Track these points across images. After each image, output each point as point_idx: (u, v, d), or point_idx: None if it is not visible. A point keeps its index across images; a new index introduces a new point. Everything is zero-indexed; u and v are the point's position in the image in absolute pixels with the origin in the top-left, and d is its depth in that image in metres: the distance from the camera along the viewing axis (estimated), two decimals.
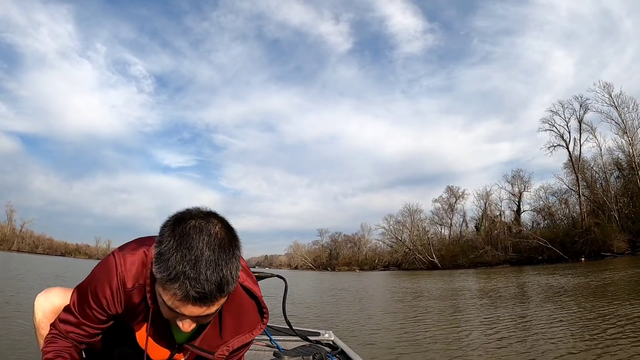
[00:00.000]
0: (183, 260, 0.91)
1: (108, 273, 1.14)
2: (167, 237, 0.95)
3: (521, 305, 9.94)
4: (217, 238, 0.96)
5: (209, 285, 0.92)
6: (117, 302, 1.15)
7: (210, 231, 0.96)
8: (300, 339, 2.63)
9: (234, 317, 1.20)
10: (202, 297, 0.92)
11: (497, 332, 6.23)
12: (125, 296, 1.15)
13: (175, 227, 0.97)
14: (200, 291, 0.91)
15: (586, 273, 19.94)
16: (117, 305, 1.15)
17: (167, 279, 0.92)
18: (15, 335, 5.15)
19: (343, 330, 6.74)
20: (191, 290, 0.91)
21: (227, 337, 1.20)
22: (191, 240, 0.93)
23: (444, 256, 56.02)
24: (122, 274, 1.13)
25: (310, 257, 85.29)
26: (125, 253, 1.16)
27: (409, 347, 5.46)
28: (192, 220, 0.98)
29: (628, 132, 39.43)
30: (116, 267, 1.14)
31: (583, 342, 5.13)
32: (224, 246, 0.96)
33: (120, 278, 1.13)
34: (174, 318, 1.01)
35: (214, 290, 0.92)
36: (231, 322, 1.20)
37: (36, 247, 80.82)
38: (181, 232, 0.95)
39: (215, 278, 0.92)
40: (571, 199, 46.62)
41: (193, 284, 0.90)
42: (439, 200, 63.38)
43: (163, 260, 0.93)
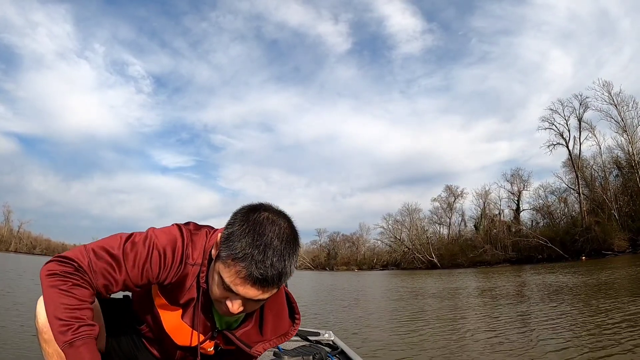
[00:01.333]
0: (254, 243, 0.99)
1: (175, 240, 1.14)
2: (239, 222, 1.03)
3: (525, 303, 9.80)
4: (285, 232, 1.04)
5: (272, 271, 0.99)
6: (175, 271, 1.13)
7: (281, 225, 1.05)
8: (300, 339, 2.61)
9: (274, 317, 1.26)
10: (263, 279, 0.99)
11: (497, 332, 6.20)
12: (184, 270, 1.14)
13: (249, 214, 1.05)
14: (264, 274, 0.98)
15: (589, 271, 19.82)
16: (173, 274, 1.14)
17: (235, 256, 0.99)
18: (12, 337, 5.11)
19: (343, 330, 6.71)
20: (255, 271, 0.98)
21: (267, 335, 1.25)
22: (263, 228, 1.01)
23: (443, 255, 55.87)
24: (189, 247, 1.15)
25: (309, 257, 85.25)
26: (190, 229, 1.19)
27: (409, 347, 5.45)
28: (265, 212, 1.06)
29: (627, 131, 39.34)
30: (183, 238, 1.15)
31: (585, 342, 5.08)
32: (290, 241, 1.05)
33: (186, 249, 1.14)
34: (225, 298, 1.05)
35: (275, 276, 1.00)
36: (271, 321, 1.25)
37: (34, 247, 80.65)
38: (254, 220, 1.03)
39: (278, 266, 1.00)
40: (570, 197, 46.74)
41: (259, 265, 0.98)
42: (437, 199, 63.35)
43: (233, 240, 1.00)
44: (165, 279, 1.14)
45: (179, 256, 1.13)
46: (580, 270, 21.30)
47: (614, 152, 41.75)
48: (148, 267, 1.10)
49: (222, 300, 1.06)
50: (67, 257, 1.05)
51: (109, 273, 1.07)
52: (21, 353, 4.35)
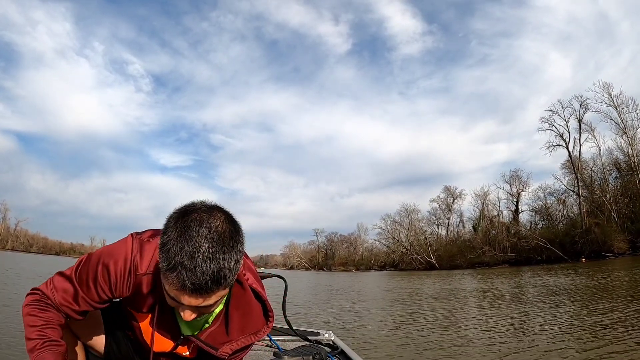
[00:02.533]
0: (182, 251, 0.93)
1: (123, 253, 1.14)
2: (170, 228, 0.97)
3: (526, 305, 9.73)
4: (216, 231, 0.97)
5: (205, 277, 0.93)
6: (126, 284, 1.14)
7: (211, 224, 0.98)
8: (300, 339, 2.61)
9: (241, 317, 1.22)
10: (197, 288, 0.94)
11: (497, 333, 6.18)
12: (135, 280, 1.14)
13: (178, 218, 0.98)
14: (196, 282, 0.93)
15: (590, 273, 19.74)
16: (125, 287, 1.14)
17: (167, 268, 0.94)
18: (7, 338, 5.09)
19: (342, 330, 6.71)
20: (187, 280, 0.93)
21: (233, 335, 1.22)
22: (191, 232, 0.95)
23: (441, 256, 55.73)
24: (137, 258, 1.13)
25: (306, 257, 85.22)
26: (142, 239, 1.17)
27: (409, 348, 5.44)
28: (195, 213, 0.99)
29: (628, 133, 39.30)
30: (132, 250, 1.14)
31: (586, 345, 5.05)
32: (224, 240, 0.97)
33: (134, 261, 1.13)
34: (177, 307, 1.03)
35: (209, 282, 0.94)
36: (238, 321, 1.21)
37: (30, 246, 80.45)
38: (182, 224, 0.96)
39: (211, 270, 0.93)
40: (569, 199, 46.73)
41: (189, 274, 0.92)
42: (436, 200, 63.34)
43: (164, 250, 0.95)
44: (121, 293, 1.15)
45: (127, 269, 1.12)
46: (581, 272, 21.22)
47: (613, 153, 41.82)
48: (99, 286, 1.12)
49: (177, 309, 1.06)
50: (36, 289, 1.15)
51: (67, 301, 1.12)
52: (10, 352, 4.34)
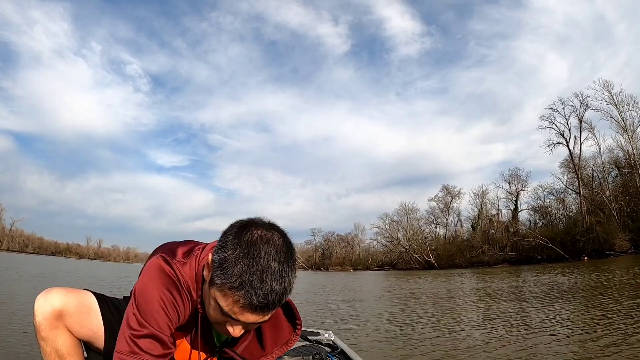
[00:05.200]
0: (250, 269, 0.94)
1: (173, 283, 1.10)
2: (231, 245, 0.98)
3: (531, 306, 9.56)
4: (281, 250, 0.99)
5: (272, 296, 0.95)
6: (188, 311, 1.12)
7: (276, 242, 1.00)
8: (300, 339, 2.62)
9: (272, 328, 1.22)
10: (264, 306, 0.96)
11: (497, 333, 6.11)
12: (192, 305, 1.12)
13: (240, 235, 0.99)
14: (263, 301, 0.95)
15: (594, 272, 19.49)
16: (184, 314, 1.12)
17: (232, 286, 0.94)
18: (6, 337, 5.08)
19: (342, 330, 6.71)
20: (255, 299, 0.94)
21: (268, 349, 1.22)
22: (258, 250, 0.96)
23: (440, 256, 55.51)
24: (187, 285, 1.11)
25: (303, 257, 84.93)
26: (180, 261, 1.13)
27: (410, 347, 5.42)
28: (257, 230, 1.01)
29: (628, 131, 39.21)
30: (178, 277, 1.10)
31: (587, 347, 4.96)
32: (287, 258, 1.00)
33: (185, 289, 1.11)
34: (225, 322, 1.03)
35: (276, 300, 0.97)
36: (270, 333, 1.22)
37: (26, 246, 79.88)
38: (247, 242, 0.97)
39: (278, 289, 0.96)
40: (568, 198, 46.66)
41: (259, 292, 0.94)
42: (434, 199, 63.19)
43: (227, 267, 0.95)
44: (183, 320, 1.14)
45: (186, 297, 1.11)
46: (584, 271, 20.97)
47: (613, 152, 41.72)
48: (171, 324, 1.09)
49: (222, 322, 1.04)
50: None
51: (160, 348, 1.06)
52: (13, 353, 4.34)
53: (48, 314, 1.19)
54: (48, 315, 1.19)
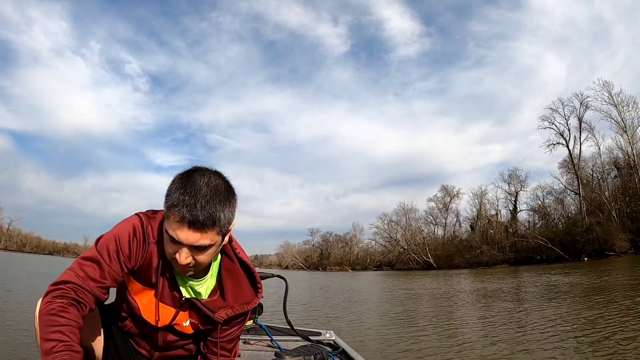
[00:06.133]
0: (185, 191, 1.10)
1: (135, 225, 1.25)
2: (175, 181, 1.15)
3: (532, 306, 9.57)
4: (218, 184, 1.15)
5: (203, 213, 1.08)
6: (142, 252, 1.25)
7: (212, 177, 1.16)
8: (302, 338, 2.61)
9: (233, 285, 1.34)
10: (195, 221, 1.08)
11: (497, 334, 6.17)
12: (148, 248, 1.25)
13: (183, 174, 1.16)
14: (195, 214, 1.08)
15: (595, 272, 19.46)
16: (140, 256, 1.25)
17: (170, 205, 1.10)
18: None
19: (343, 330, 6.69)
20: (187, 213, 1.07)
21: (229, 302, 1.33)
22: (194, 179, 1.13)
23: (439, 256, 55.39)
24: (147, 228, 1.25)
25: (301, 257, 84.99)
26: (147, 214, 1.29)
27: (410, 347, 5.43)
28: (199, 170, 1.18)
29: (628, 131, 39.10)
30: (142, 221, 1.26)
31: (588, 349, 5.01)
32: (221, 191, 1.14)
33: (145, 230, 1.25)
34: (174, 253, 1.14)
35: (206, 218, 1.09)
36: (231, 289, 1.34)
37: (23, 245, 79.70)
38: (187, 176, 1.15)
39: (208, 208, 1.09)
40: (567, 198, 46.55)
41: (189, 208, 1.08)
42: (433, 199, 63.03)
43: (169, 195, 1.12)
44: (135, 262, 1.25)
45: (141, 237, 1.24)
46: (584, 272, 20.92)
47: (613, 152, 41.55)
48: (121, 257, 1.21)
49: (173, 259, 1.16)
50: (58, 282, 1.15)
51: (96, 280, 1.17)
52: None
53: None
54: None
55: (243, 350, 2.35)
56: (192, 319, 1.35)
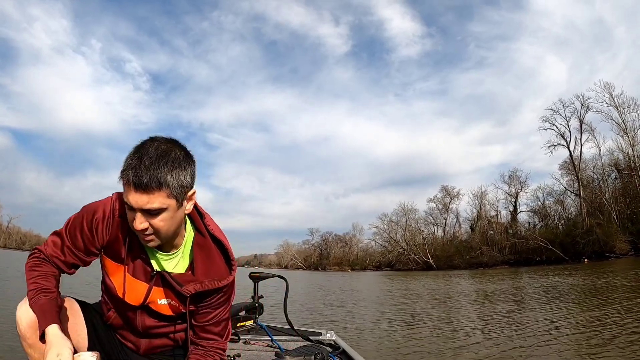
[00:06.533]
0: (133, 157, 1.11)
1: (102, 203, 1.29)
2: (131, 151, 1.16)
3: (533, 307, 9.54)
4: (166, 148, 1.14)
5: (147, 174, 1.08)
6: (107, 227, 1.27)
7: (162, 143, 1.16)
8: (302, 338, 2.60)
9: (204, 261, 1.32)
10: (139, 183, 1.08)
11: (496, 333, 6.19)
12: (113, 223, 1.27)
13: (138, 143, 1.17)
14: (138, 176, 1.08)
15: (594, 274, 19.39)
16: (106, 231, 1.27)
17: (121, 171, 1.11)
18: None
19: (344, 330, 6.68)
20: (132, 175, 1.08)
21: (199, 278, 1.30)
22: (145, 145, 1.14)
23: (439, 257, 55.33)
24: (115, 204, 1.27)
25: (301, 257, 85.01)
26: (117, 193, 1.30)
27: (410, 347, 5.42)
28: (153, 138, 1.18)
29: (628, 133, 39.03)
30: (112, 198, 1.29)
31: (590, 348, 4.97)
32: (169, 154, 1.13)
33: (113, 206, 1.27)
34: (132, 220, 1.14)
35: (150, 179, 1.08)
36: (202, 266, 1.31)
37: (23, 243, 79.53)
38: (140, 143, 1.16)
39: (153, 170, 1.09)
40: (567, 200, 46.50)
41: (134, 170, 1.08)
42: (433, 199, 62.94)
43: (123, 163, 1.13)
44: (102, 238, 1.27)
45: (109, 213, 1.26)
46: (584, 273, 20.86)
47: (614, 154, 41.48)
48: (84, 233, 1.26)
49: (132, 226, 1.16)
50: (35, 248, 1.30)
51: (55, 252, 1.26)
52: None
53: (32, 322, 1.18)
54: (32, 323, 1.18)
55: (243, 351, 2.34)
56: (169, 299, 1.33)
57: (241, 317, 2.90)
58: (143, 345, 1.43)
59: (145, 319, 1.37)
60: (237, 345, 2.48)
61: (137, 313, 1.35)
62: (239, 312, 2.92)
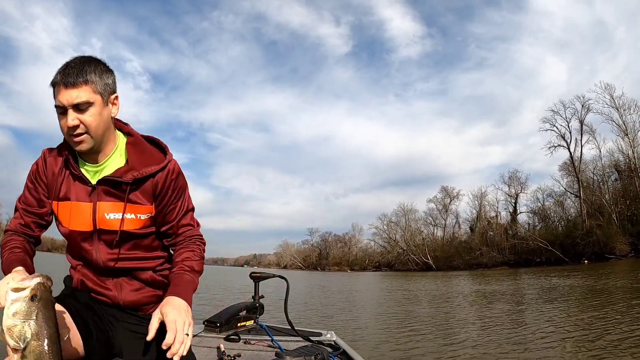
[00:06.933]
0: (61, 66, 1.23)
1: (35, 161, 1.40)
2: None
3: (534, 308, 9.60)
4: (89, 57, 1.28)
5: (73, 71, 1.21)
6: (43, 173, 1.35)
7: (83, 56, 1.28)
8: (302, 339, 2.59)
9: (139, 155, 1.36)
10: (67, 81, 1.19)
11: (495, 333, 6.22)
12: (48, 167, 1.35)
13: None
14: (66, 73, 1.20)
15: (594, 275, 19.46)
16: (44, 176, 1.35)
17: (51, 82, 1.23)
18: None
19: (344, 331, 6.70)
20: (59, 75, 1.21)
21: (135, 167, 1.33)
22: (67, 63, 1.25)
23: (438, 257, 55.28)
24: (44, 154, 1.38)
25: (300, 257, 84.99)
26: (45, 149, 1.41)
27: (410, 348, 5.44)
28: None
29: (629, 134, 39.06)
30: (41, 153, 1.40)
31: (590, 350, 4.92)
32: (92, 60, 1.27)
33: (43, 156, 1.38)
34: (65, 124, 1.22)
35: (77, 75, 1.20)
36: (137, 159, 1.35)
37: None
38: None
39: (78, 68, 1.22)
40: (567, 201, 46.46)
41: (63, 71, 1.21)
42: (433, 200, 62.88)
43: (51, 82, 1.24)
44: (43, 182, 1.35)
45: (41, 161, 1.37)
46: (584, 274, 20.92)
47: (614, 155, 41.46)
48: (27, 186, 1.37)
49: (65, 128, 1.23)
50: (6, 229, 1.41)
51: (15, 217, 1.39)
52: None
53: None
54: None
55: (244, 351, 2.33)
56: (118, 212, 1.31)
57: (242, 317, 2.89)
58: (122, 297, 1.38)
59: (101, 248, 1.33)
60: (237, 345, 2.46)
61: (94, 243, 1.32)
62: (240, 312, 2.91)
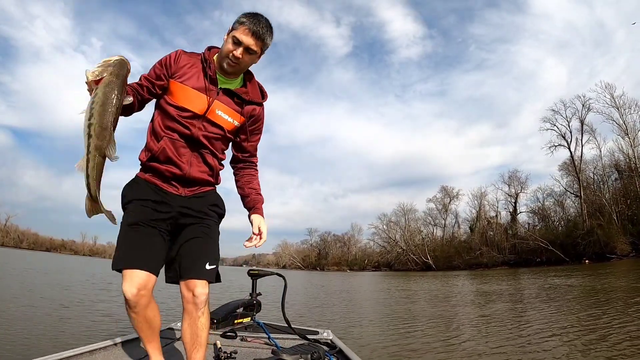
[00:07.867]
0: (253, 17, 1.72)
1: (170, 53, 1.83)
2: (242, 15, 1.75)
3: (531, 308, 9.55)
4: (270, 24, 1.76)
5: (263, 30, 1.71)
6: (176, 61, 1.77)
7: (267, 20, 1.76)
8: (299, 337, 2.59)
9: (252, 88, 1.91)
10: (257, 31, 1.69)
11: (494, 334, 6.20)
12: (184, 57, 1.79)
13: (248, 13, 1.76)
14: (259, 28, 1.70)
15: (595, 275, 19.44)
16: (175, 63, 1.77)
17: (239, 22, 1.71)
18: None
19: (341, 330, 6.68)
20: (250, 21, 1.69)
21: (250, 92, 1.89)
22: (258, 14, 1.75)
23: (438, 257, 55.21)
24: (181, 50, 1.82)
25: (299, 257, 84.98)
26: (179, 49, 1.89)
27: (407, 347, 5.43)
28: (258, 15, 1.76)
29: (629, 134, 38.99)
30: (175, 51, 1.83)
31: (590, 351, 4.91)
32: (271, 28, 1.76)
33: (177, 51, 1.81)
34: (233, 51, 1.71)
35: (263, 35, 1.72)
36: (251, 89, 1.90)
37: (21, 241, 79.48)
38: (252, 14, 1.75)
39: (265, 30, 1.72)
40: (567, 201, 46.43)
41: (253, 19, 1.71)
42: (433, 200, 62.89)
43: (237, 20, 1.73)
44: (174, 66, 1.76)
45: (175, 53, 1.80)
46: (585, 274, 20.89)
47: (614, 155, 41.41)
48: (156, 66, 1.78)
49: (230, 53, 1.72)
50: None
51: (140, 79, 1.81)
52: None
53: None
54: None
55: (240, 347, 2.32)
56: (227, 114, 1.81)
57: (239, 314, 2.87)
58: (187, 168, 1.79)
59: (200, 126, 1.76)
60: (234, 342, 2.45)
61: (196, 123, 1.76)
62: (237, 309, 2.89)
